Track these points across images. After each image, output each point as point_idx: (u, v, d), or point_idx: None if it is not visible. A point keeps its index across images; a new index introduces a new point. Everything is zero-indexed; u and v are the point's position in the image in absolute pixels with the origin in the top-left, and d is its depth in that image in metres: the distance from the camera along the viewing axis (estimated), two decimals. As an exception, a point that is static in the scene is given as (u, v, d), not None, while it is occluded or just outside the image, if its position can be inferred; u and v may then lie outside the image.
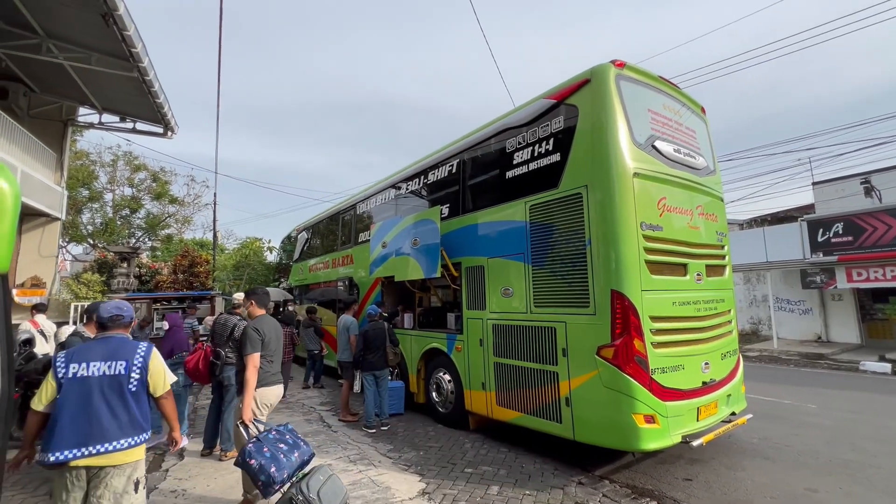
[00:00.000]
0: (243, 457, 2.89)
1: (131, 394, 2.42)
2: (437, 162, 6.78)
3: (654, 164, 4.47)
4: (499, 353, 5.26)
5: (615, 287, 4.05)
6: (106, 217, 20.49)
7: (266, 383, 3.55)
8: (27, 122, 10.40)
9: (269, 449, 2.92)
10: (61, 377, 2.32)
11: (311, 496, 2.79)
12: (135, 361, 2.46)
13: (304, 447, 3.12)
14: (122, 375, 2.41)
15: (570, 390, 4.36)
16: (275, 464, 2.84)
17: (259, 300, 3.84)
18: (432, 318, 7.23)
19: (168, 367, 2.70)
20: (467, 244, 5.91)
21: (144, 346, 2.56)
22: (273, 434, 3.09)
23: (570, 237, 4.46)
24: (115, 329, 2.58)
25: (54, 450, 2.21)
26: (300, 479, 2.92)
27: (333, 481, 3.02)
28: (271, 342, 3.67)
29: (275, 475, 2.79)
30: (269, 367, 3.61)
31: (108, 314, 2.57)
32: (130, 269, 11.10)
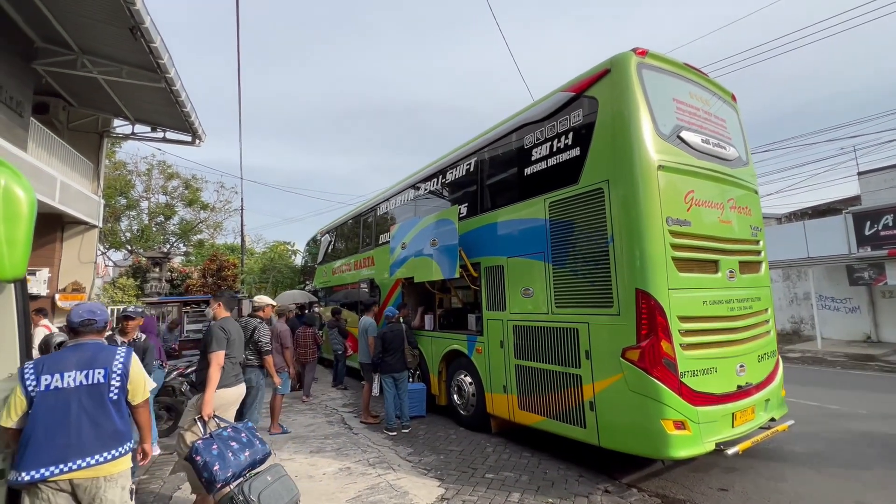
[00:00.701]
0: (191, 453, 2.79)
1: (112, 402, 2.27)
2: (455, 161, 6.69)
3: (680, 155, 4.24)
4: (520, 355, 5.12)
5: (640, 286, 3.85)
6: (142, 224, 21.40)
7: (227, 384, 3.52)
8: (66, 135, 10.93)
9: (218, 446, 2.83)
10: (32, 390, 2.13)
11: (252, 497, 2.68)
12: (114, 368, 2.30)
13: (258, 446, 3.04)
14: (102, 384, 2.25)
15: (594, 394, 4.19)
16: (219, 462, 2.75)
17: (226, 303, 3.83)
18: (453, 320, 7.14)
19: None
20: (486, 244, 5.79)
21: (124, 352, 2.40)
22: (228, 432, 3.02)
23: (592, 234, 4.28)
24: (88, 335, 2.40)
25: (29, 468, 2.03)
26: (248, 478, 2.85)
27: (283, 483, 2.93)
28: (235, 343, 3.66)
29: (217, 473, 2.70)
30: (231, 369, 3.59)
31: (79, 318, 2.39)
32: (162, 274, 11.54)
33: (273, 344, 5.76)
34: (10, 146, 7.54)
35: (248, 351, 4.71)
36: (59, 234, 10.67)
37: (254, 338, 4.70)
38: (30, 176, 8.42)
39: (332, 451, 4.98)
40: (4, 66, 7.61)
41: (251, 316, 4.89)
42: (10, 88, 7.76)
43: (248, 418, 4.65)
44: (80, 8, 7.42)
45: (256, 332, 4.71)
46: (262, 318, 4.90)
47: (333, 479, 4.19)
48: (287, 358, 5.67)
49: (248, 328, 4.76)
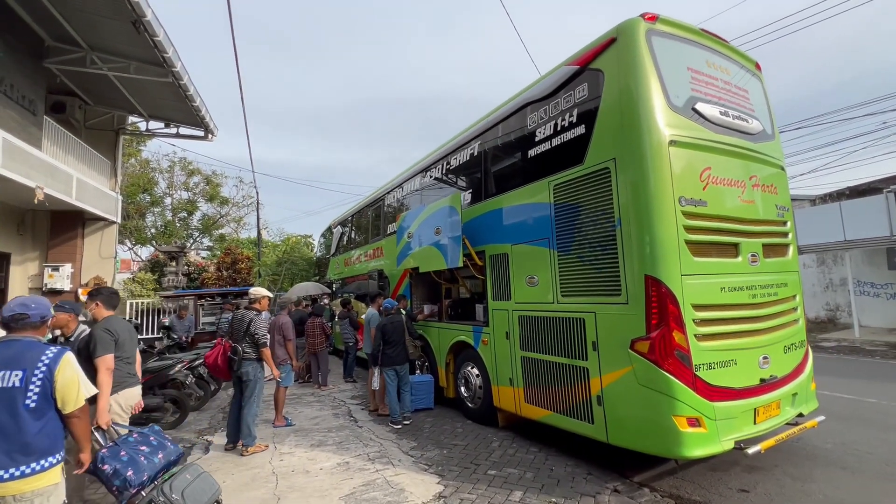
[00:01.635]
0: (95, 462, 2.60)
1: (29, 411, 2.00)
2: (458, 146, 6.43)
3: (695, 129, 3.89)
4: (525, 347, 4.89)
5: (649, 272, 3.56)
6: (165, 219, 21.93)
7: (126, 385, 3.34)
8: (84, 133, 11.15)
9: (126, 452, 2.69)
10: None
11: (174, 497, 2.57)
12: (35, 372, 2.03)
13: (170, 447, 2.91)
14: (17, 388, 2.00)
15: (601, 388, 3.93)
16: (132, 467, 2.62)
17: (105, 301, 3.50)
18: (460, 310, 6.95)
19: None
20: (491, 231, 5.55)
21: (53, 352, 2.14)
22: (134, 437, 2.88)
23: (598, 218, 3.99)
24: (20, 331, 2.18)
25: None
26: (165, 480, 2.72)
27: (203, 479, 2.80)
28: (125, 343, 3.41)
29: (132, 478, 2.58)
30: (126, 368, 3.38)
31: (9, 313, 2.18)
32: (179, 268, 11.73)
33: (275, 336, 5.70)
34: (25, 145, 7.67)
35: (245, 344, 4.63)
36: (80, 230, 10.92)
37: (250, 330, 4.62)
38: (45, 174, 8.63)
39: (333, 445, 4.89)
40: (15, 65, 7.73)
41: (247, 308, 4.80)
42: (22, 87, 7.89)
43: (247, 412, 4.59)
44: (84, 3, 7.44)
45: (252, 325, 4.63)
46: (258, 310, 4.81)
47: (330, 474, 4.09)
48: (289, 350, 5.60)
49: (243, 321, 4.68)
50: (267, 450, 4.70)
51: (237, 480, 4.00)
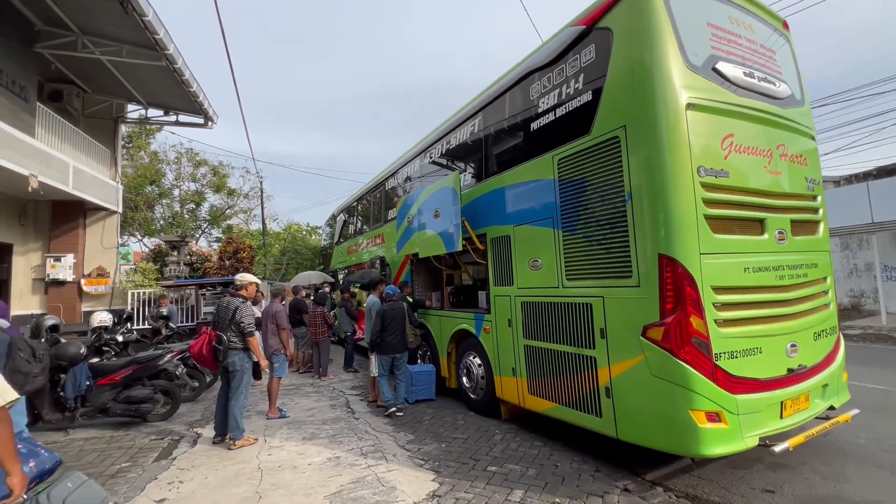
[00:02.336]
0: None
1: None
2: (458, 123, 6.06)
3: (715, 91, 3.47)
4: (528, 335, 4.56)
5: (664, 251, 3.19)
6: (173, 211, 21.92)
7: None
8: (82, 122, 10.99)
9: None
10: None
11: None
12: None
13: (43, 455, 2.57)
14: None
15: (610, 379, 3.59)
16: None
17: None
18: (462, 297, 6.64)
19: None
20: (492, 212, 5.20)
21: None
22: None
23: (606, 193, 3.62)
24: None
25: None
26: (40, 490, 2.39)
27: (88, 487, 2.45)
28: None
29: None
30: None
31: None
32: (180, 257, 11.59)
33: (268, 325, 5.47)
34: (17, 132, 7.51)
35: (231, 333, 4.38)
36: (81, 220, 10.84)
37: (235, 318, 4.37)
38: (40, 162, 8.47)
39: (325, 438, 4.65)
40: (4, 49, 7.53)
41: (233, 295, 4.55)
42: (12, 72, 7.69)
43: (233, 404, 4.36)
44: (69, -18, 7.18)
45: (238, 313, 4.37)
46: (244, 298, 4.55)
47: (318, 470, 3.84)
48: (283, 339, 5.36)
49: (228, 308, 4.43)
50: (256, 443, 4.48)
51: (220, 476, 3.77)
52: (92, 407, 4.93)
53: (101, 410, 4.97)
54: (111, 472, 3.86)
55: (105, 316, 5.86)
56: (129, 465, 4.03)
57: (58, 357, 4.68)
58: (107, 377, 4.97)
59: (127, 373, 5.07)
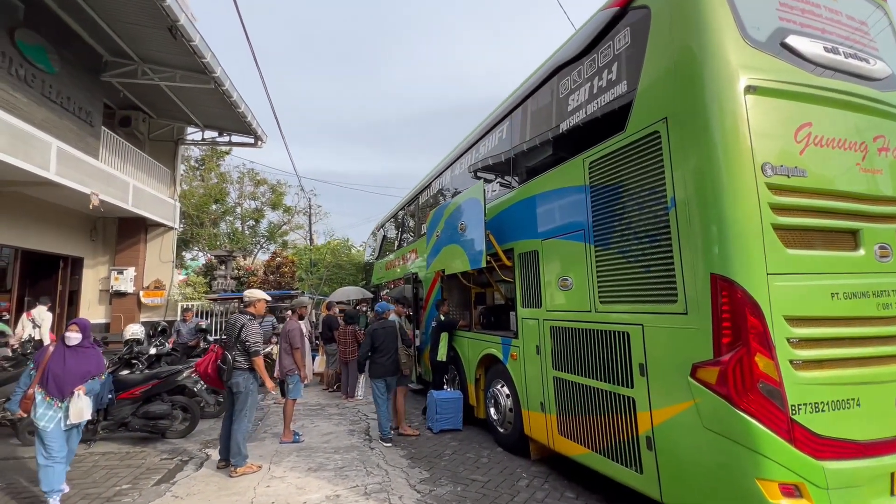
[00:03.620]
0: None
1: None
2: (486, 129, 5.64)
3: (785, 71, 2.79)
4: (558, 366, 3.96)
5: (717, 270, 2.53)
6: (232, 227, 23.26)
7: None
8: (147, 145, 11.86)
9: None
10: None
11: None
12: None
13: None
14: None
15: (652, 426, 2.92)
16: None
17: None
18: (493, 318, 6.10)
19: None
20: (519, 225, 4.69)
21: None
22: None
23: (645, 199, 3.01)
24: None
25: None
26: None
27: None
28: None
29: None
30: None
31: None
32: (227, 271, 12.05)
33: (282, 344, 5.26)
34: (81, 154, 8.10)
35: (236, 351, 4.18)
36: (143, 235, 11.57)
37: (241, 336, 4.16)
38: (101, 181, 9.11)
39: (331, 471, 4.28)
40: (72, 79, 8.21)
41: (241, 312, 4.37)
42: (79, 100, 8.36)
43: (236, 428, 4.12)
44: (126, 15, 7.71)
45: (244, 331, 4.17)
46: (252, 315, 4.35)
47: (312, 510, 3.46)
48: (297, 360, 5.12)
49: (235, 326, 4.24)
50: (259, 471, 4.20)
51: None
52: (113, 421, 4.93)
53: (121, 425, 4.96)
54: (109, 495, 3.73)
55: (137, 328, 5.99)
56: (129, 487, 3.89)
57: None
58: (127, 391, 4.97)
59: (147, 388, 5.05)
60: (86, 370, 3.56)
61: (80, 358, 3.57)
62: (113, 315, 11.16)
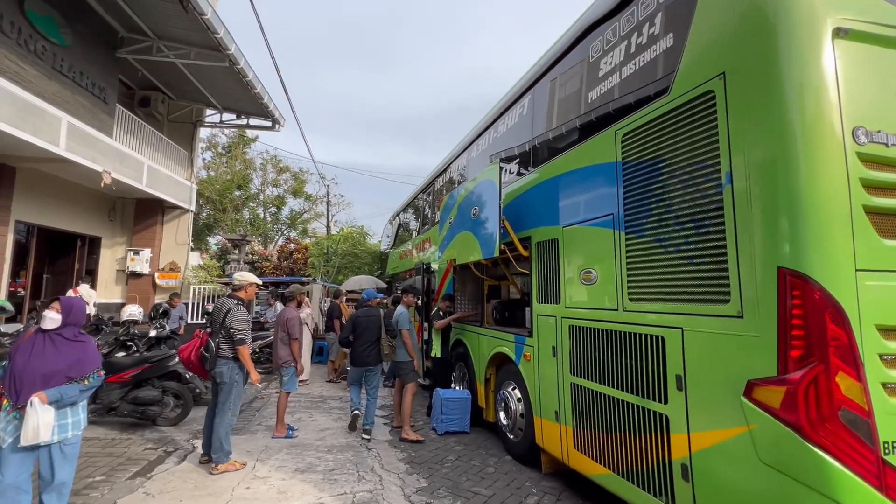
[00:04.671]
0: None
1: None
2: (507, 105, 5.11)
3: (886, 9, 2.18)
4: (577, 371, 3.45)
5: (788, 263, 1.98)
6: (254, 213, 23.41)
7: None
8: (166, 126, 11.79)
9: None
10: None
11: None
12: None
13: None
14: None
15: (689, 453, 2.40)
16: None
17: None
18: (507, 314, 5.60)
19: None
20: (538, 210, 4.17)
21: None
22: None
23: (692, 176, 2.46)
24: None
25: None
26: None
27: None
28: None
29: None
30: None
31: None
32: (241, 255, 11.92)
33: (279, 333, 4.92)
34: (93, 130, 7.97)
35: (221, 339, 3.83)
36: (159, 217, 11.53)
37: (226, 323, 3.81)
38: (114, 160, 9.01)
39: (320, 473, 3.90)
40: (86, 54, 8.06)
41: (229, 297, 4.01)
42: (93, 75, 8.22)
43: (219, 422, 3.78)
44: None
45: (229, 317, 3.82)
46: (240, 300, 4.00)
47: (290, 521, 3.09)
48: (294, 351, 4.77)
49: (220, 311, 3.89)
50: (242, 469, 3.87)
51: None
52: (101, 405, 4.70)
53: (109, 409, 4.73)
54: (78, 487, 3.45)
55: (135, 309, 5.78)
56: (102, 479, 3.61)
57: None
58: (116, 375, 4.73)
59: (136, 372, 4.81)
60: (55, 368, 2.53)
61: (54, 350, 2.58)
62: (128, 296, 11.16)
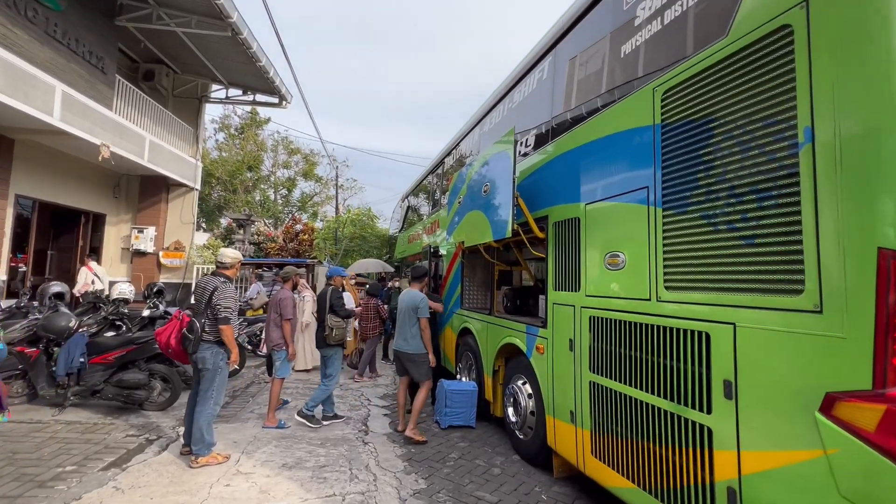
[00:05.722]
0: None
1: None
2: (525, 70, 4.60)
3: None
4: (597, 368, 3.02)
5: (892, 244, 1.51)
6: (264, 195, 23.18)
7: None
8: (171, 101, 11.47)
9: None
10: None
11: None
12: None
13: None
14: None
15: (738, 474, 1.97)
16: None
17: None
18: (518, 301, 5.18)
19: None
20: (557, 186, 3.71)
21: None
22: None
23: (756, 135, 1.98)
24: None
25: None
26: None
27: None
28: None
29: None
30: None
31: None
32: (246, 236, 11.65)
33: (271, 314, 4.58)
34: (90, 101, 7.66)
35: (206, 319, 3.49)
36: (164, 195, 11.29)
37: (212, 302, 3.46)
38: (113, 133, 8.70)
39: (309, 470, 3.57)
40: (82, 20, 7.71)
41: (214, 274, 3.65)
42: (90, 43, 7.87)
43: (200, 411, 3.46)
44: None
45: (216, 295, 3.46)
46: (227, 278, 3.64)
47: (269, 527, 2.75)
48: (286, 332, 4.43)
49: (205, 289, 3.53)
50: (225, 462, 3.56)
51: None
52: (85, 387, 4.44)
53: (93, 392, 4.47)
54: (46, 478, 3.18)
55: (125, 287, 5.51)
56: (73, 469, 3.33)
57: (45, 329, 4.24)
58: (100, 356, 4.46)
59: (121, 353, 4.53)
60: None
61: None
62: (133, 274, 11.02)
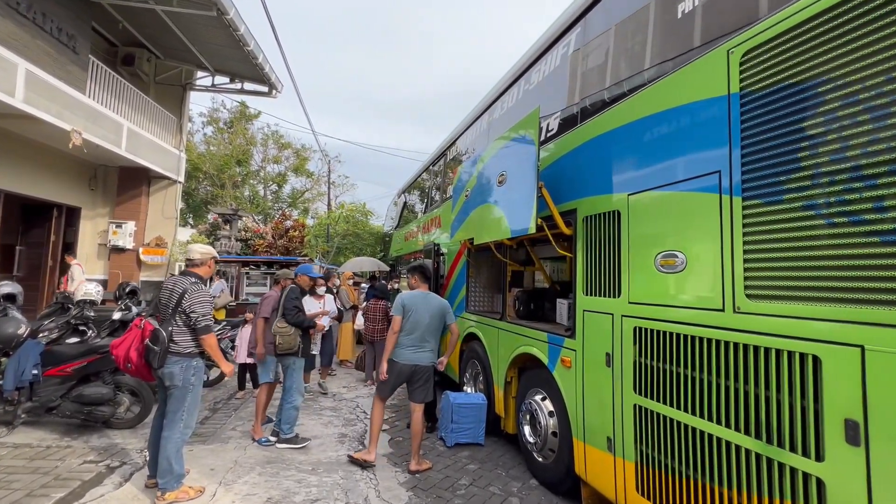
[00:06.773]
0: None
1: None
2: (545, 47, 4.10)
3: None
4: (645, 390, 2.53)
5: None
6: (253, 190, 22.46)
7: None
8: (153, 88, 10.78)
9: None
10: None
11: None
12: None
13: None
14: None
15: (869, 546, 1.48)
16: None
17: None
18: (534, 305, 4.68)
19: None
20: (588, 175, 3.21)
21: None
22: None
23: (883, 101, 1.49)
24: None
25: None
26: None
27: None
28: None
29: None
30: None
31: None
32: (232, 232, 11.03)
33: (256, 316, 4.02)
34: (59, 82, 7.00)
35: (176, 327, 2.93)
36: (145, 188, 10.61)
37: (182, 306, 2.90)
38: (86, 118, 8.04)
39: (299, 505, 3.03)
40: (52, -6, 7.03)
41: (183, 274, 3.09)
42: (60, 19, 7.20)
43: (167, 436, 2.90)
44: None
45: (187, 298, 2.91)
46: (199, 278, 3.08)
47: (247, 590, 2.21)
48: (258, 331, 3.88)
49: (173, 292, 2.97)
50: (198, 497, 3.00)
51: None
52: (38, 403, 3.85)
53: (48, 409, 3.88)
54: (-26, 522, 2.61)
55: (92, 287, 4.91)
56: None
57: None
58: (58, 367, 3.87)
59: (82, 364, 3.95)
60: None
61: None
62: (111, 272, 10.33)
